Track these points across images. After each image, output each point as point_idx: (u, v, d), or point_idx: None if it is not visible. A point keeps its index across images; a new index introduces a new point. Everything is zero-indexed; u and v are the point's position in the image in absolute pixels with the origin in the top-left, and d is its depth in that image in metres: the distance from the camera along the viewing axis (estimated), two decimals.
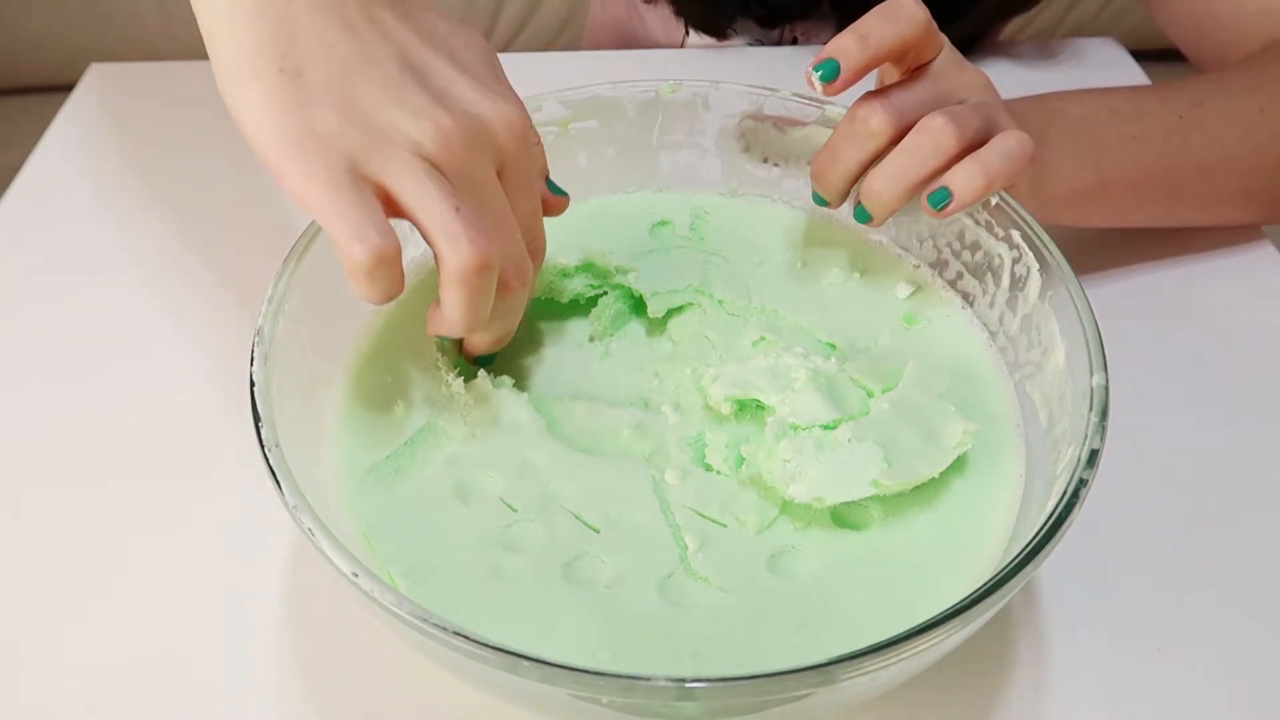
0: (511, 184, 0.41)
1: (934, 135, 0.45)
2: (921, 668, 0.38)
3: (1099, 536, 0.50)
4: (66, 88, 0.79)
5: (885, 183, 0.46)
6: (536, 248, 0.45)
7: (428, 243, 0.38)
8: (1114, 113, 0.58)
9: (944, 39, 0.49)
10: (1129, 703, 0.45)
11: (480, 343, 0.46)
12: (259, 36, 0.37)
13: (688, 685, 0.32)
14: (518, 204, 0.42)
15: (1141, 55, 0.84)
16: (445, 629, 0.33)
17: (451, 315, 0.39)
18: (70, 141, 0.74)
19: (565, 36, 1.43)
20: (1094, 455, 0.38)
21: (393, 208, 0.38)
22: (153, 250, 0.65)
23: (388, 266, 0.37)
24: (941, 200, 0.45)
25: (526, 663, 0.32)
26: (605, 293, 0.51)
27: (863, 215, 0.48)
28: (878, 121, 0.46)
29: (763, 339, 0.49)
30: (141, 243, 0.65)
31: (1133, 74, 0.82)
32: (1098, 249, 0.64)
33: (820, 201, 0.50)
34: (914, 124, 0.46)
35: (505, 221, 0.41)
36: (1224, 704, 0.45)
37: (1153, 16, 0.73)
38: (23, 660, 0.46)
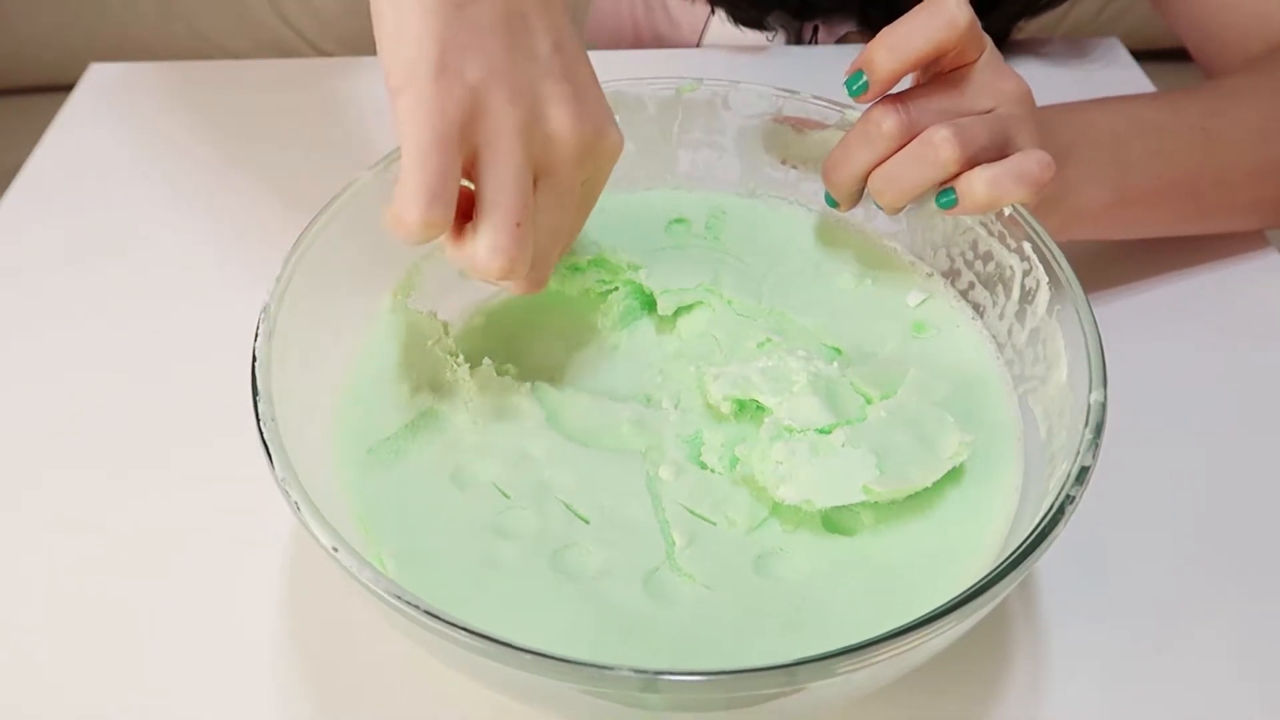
0: (585, 197, 0.43)
1: (935, 148, 0.45)
2: (895, 674, 0.38)
3: (1099, 537, 0.50)
4: (66, 88, 0.78)
5: (884, 183, 0.47)
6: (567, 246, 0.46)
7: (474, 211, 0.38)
8: (1139, 126, 0.58)
9: (988, 41, 0.48)
10: (1128, 703, 0.45)
11: None
12: None
13: (652, 677, 0.32)
14: (582, 214, 0.44)
15: (1141, 55, 0.83)
16: (418, 607, 0.33)
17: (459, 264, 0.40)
18: (70, 141, 0.73)
19: None
20: (1084, 472, 0.37)
21: (469, 168, 0.38)
22: (153, 249, 0.65)
23: (433, 233, 0.37)
24: (947, 204, 0.46)
25: (494, 646, 0.32)
26: (616, 288, 0.51)
27: (830, 200, 0.50)
28: (890, 124, 0.46)
29: (768, 340, 0.48)
30: (141, 242, 0.66)
31: (1132, 74, 0.80)
32: (1103, 259, 0.64)
33: (832, 203, 0.50)
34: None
35: (559, 235, 0.42)
36: (1224, 704, 0.45)
37: (1162, 14, 0.73)
38: (15, 660, 0.46)
